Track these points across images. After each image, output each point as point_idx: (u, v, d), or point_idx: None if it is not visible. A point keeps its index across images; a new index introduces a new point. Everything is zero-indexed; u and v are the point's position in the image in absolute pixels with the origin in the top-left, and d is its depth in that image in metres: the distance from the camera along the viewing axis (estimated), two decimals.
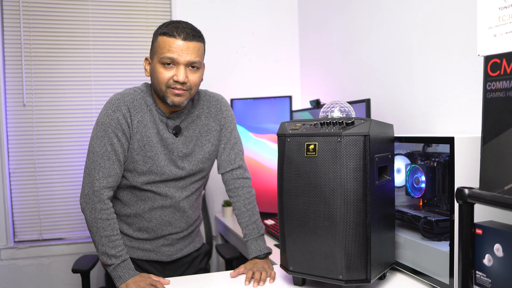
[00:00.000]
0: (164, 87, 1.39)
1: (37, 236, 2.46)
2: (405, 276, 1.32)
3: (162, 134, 1.46)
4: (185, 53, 1.36)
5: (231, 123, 1.60)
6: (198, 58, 1.39)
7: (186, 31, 1.37)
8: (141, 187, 1.47)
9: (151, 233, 1.52)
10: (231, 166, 1.58)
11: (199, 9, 2.61)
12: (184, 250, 1.61)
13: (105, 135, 1.39)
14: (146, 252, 1.54)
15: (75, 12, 2.46)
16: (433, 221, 1.21)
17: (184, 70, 1.37)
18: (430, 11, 1.56)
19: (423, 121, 1.61)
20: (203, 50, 1.43)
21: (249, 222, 1.52)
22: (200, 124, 1.53)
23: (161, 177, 1.47)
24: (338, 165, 1.11)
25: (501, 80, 0.84)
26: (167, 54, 1.36)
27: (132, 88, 1.49)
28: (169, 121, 1.47)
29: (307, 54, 2.68)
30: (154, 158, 1.45)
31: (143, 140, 1.43)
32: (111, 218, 1.37)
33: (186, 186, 1.53)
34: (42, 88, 2.43)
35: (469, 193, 0.90)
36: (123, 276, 1.33)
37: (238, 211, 1.56)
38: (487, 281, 0.91)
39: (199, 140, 1.53)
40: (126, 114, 1.41)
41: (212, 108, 1.57)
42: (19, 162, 2.42)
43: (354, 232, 1.11)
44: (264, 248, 1.48)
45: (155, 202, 1.49)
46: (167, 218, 1.52)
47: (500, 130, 0.84)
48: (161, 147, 1.46)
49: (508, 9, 0.83)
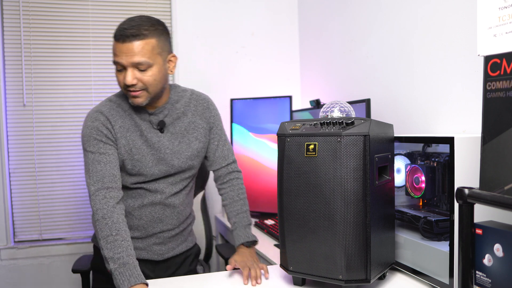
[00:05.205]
0: (124, 90, 1.40)
1: (37, 236, 2.46)
2: (405, 276, 1.32)
3: (147, 135, 1.46)
4: (126, 56, 1.33)
5: (220, 121, 1.63)
6: (143, 58, 1.33)
7: (126, 32, 1.32)
8: (130, 186, 1.48)
9: (142, 231, 1.51)
10: (226, 162, 1.62)
11: (199, 9, 2.61)
12: (176, 249, 1.59)
13: (89, 144, 1.40)
14: (137, 250, 1.51)
15: (75, 12, 2.46)
16: (433, 221, 1.21)
17: (131, 72, 1.34)
18: (430, 11, 1.56)
19: (423, 121, 1.61)
20: (153, 46, 1.35)
21: (240, 211, 1.57)
22: (187, 121, 1.53)
23: (151, 177, 1.48)
24: (338, 165, 1.11)
25: (501, 80, 0.84)
26: (114, 58, 1.36)
27: (105, 100, 1.50)
28: (153, 117, 1.47)
29: (307, 54, 2.68)
30: (142, 161, 1.45)
31: (129, 145, 1.44)
32: (108, 217, 1.32)
33: (176, 182, 1.53)
34: (42, 88, 2.43)
35: (469, 193, 0.89)
36: (121, 285, 1.20)
37: (230, 200, 1.59)
38: (487, 281, 0.91)
39: (185, 137, 1.52)
40: (105, 122, 1.42)
41: (198, 107, 1.57)
42: (19, 162, 2.42)
43: (354, 232, 1.11)
44: (252, 236, 1.52)
45: (145, 199, 1.49)
46: (157, 214, 1.51)
47: (500, 130, 0.84)
48: (148, 148, 1.46)
49: (508, 9, 0.83)
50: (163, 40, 1.39)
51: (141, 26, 1.34)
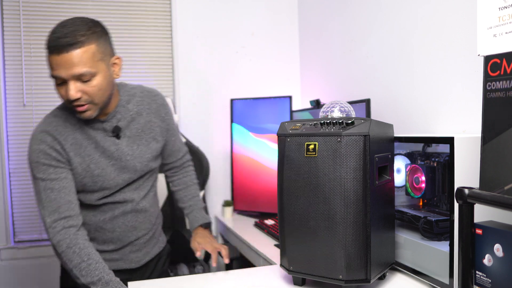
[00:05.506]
0: (68, 104, 1.26)
1: (37, 236, 2.46)
2: (405, 276, 1.32)
3: (103, 145, 1.35)
4: (65, 68, 1.18)
5: (172, 115, 1.56)
6: (85, 68, 1.19)
7: (60, 41, 1.16)
8: (95, 203, 1.39)
9: (117, 243, 1.45)
10: (181, 154, 1.63)
11: (199, 9, 2.61)
12: (151, 252, 1.55)
13: (38, 171, 1.28)
14: (114, 262, 1.45)
15: (75, 12, 2.46)
16: (433, 221, 1.21)
17: (74, 85, 1.20)
18: (430, 11, 1.56)
19: (423, 121, 1.61)
20: (93, 53, 1.21)
21: (195, 195, 1.63)
22: (142, 122, 1.43)
23: (115, 188, 1.39)
24: (338, 165, 1.11)
25: (501, 80, 0.84)
26: (51, 72, 1.21)
27: (48, 115, 1.35)
28: (106, 125, 1.36)
29: (307, 54, 2.68)
30: (103, 175, 1.35)
31: (85, 162, 1.33)
32: (73, 244, 1.25)
33: (141, 186, 1.47)
34: (42, 88, 2.43)
35: (469, 193, 0.90)
36: None
37: (184, 185, 1.63)
38: (487, 281, 0.91)
39: (143, 138, 1.43)
40: (53, 143, 1.29)
41: (152, 104, 1.47)
42: (19, 162, 2.42)
43: (354, 232, 1.11)
44: (208, 217, 1.61)
45: (115, 210, 1.41)
46: (131, 223, 1.45)
47: (500, 130, 0.84)
48: (107, 160, 1.36)
49: (508, 9, 0.83)
50: (103, 43, 1.25)
51: (76, 32, 1.18)
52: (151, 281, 1.37)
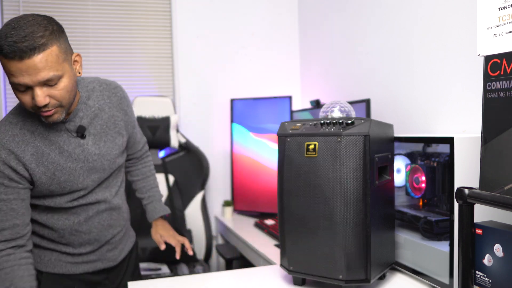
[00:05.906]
0: (34, 111, 1.17)
1: None
2: (405, 276, 1.32)
3: (67, 148, 1.27)
4: (30, 75, 1.09)
5: (132, 107, 1.49)
6: (51, 72, 1.11)
7: (19, 46, 1.06)
8: (66, 206, 1.32)
9: (94, 244, 1.40)
10: (141, 145, 1.62)
11: (199, 9, 2.61)
12: (125, 249, 1.52)
13: None
14: (91, 263, 1.41)
15: (75, 12, 2.46)
16: (433, 221, 1.21)
17: (41, 92, 1.12)
18: (430, 11, 1.56)
19: (423, 121, 1.61)
20: (57, 55, 1.13)
21: (153, 185, 1.64)
22: (105, 117, 1.36)
23: (86, 190, 1.33)
24: (338, 165, 1.11)
25: (501, 80, 0.84)
26: (12, 79, 1.11)
27: (4, 122, 1.24)
28: (69, 125, 1.28)
29: (307, 54, 2.68)
30: (70, 179, 1.28)
31: (50, 170, 1.25)
32: (6, 266, 1.19)
33: (110, 184, 1.42)
34: None
35: (469, 193, 0.90)
36: None
37: (143, 175, 1.64)
38: (487, 281, 0.91)
39: (108, 134, 1.37)
40: (8, 158, 1.20)
41: (113, 98, 1.40)
42: None
43: (354, 232, 1.11)
44: (167, 209, 1.63)
45: (90, 211, 1.36)
46: (106, 221, 1.40)
47: (500, 130, 0.84)
48: (73, 164, 1.28)
49: (508, 9, 0.83)
50: (63, 43, 1.17)
51: (34, 34, 1.09)
52: (151, 281, 1.37)
